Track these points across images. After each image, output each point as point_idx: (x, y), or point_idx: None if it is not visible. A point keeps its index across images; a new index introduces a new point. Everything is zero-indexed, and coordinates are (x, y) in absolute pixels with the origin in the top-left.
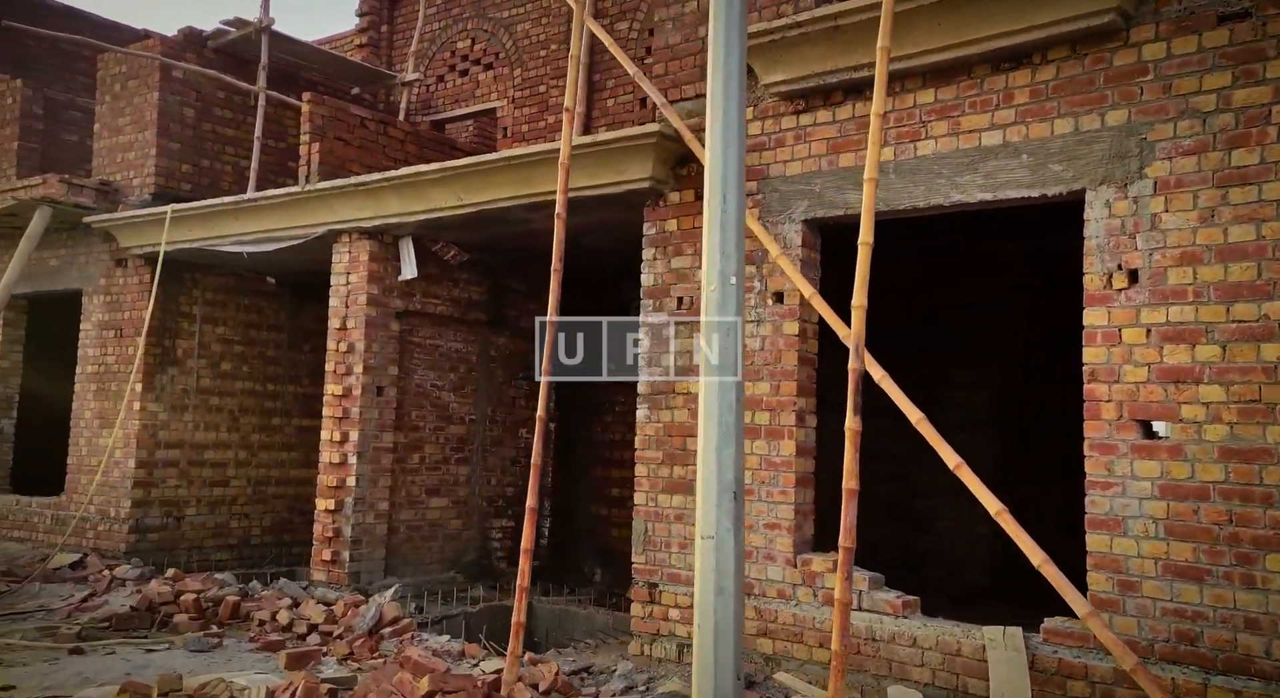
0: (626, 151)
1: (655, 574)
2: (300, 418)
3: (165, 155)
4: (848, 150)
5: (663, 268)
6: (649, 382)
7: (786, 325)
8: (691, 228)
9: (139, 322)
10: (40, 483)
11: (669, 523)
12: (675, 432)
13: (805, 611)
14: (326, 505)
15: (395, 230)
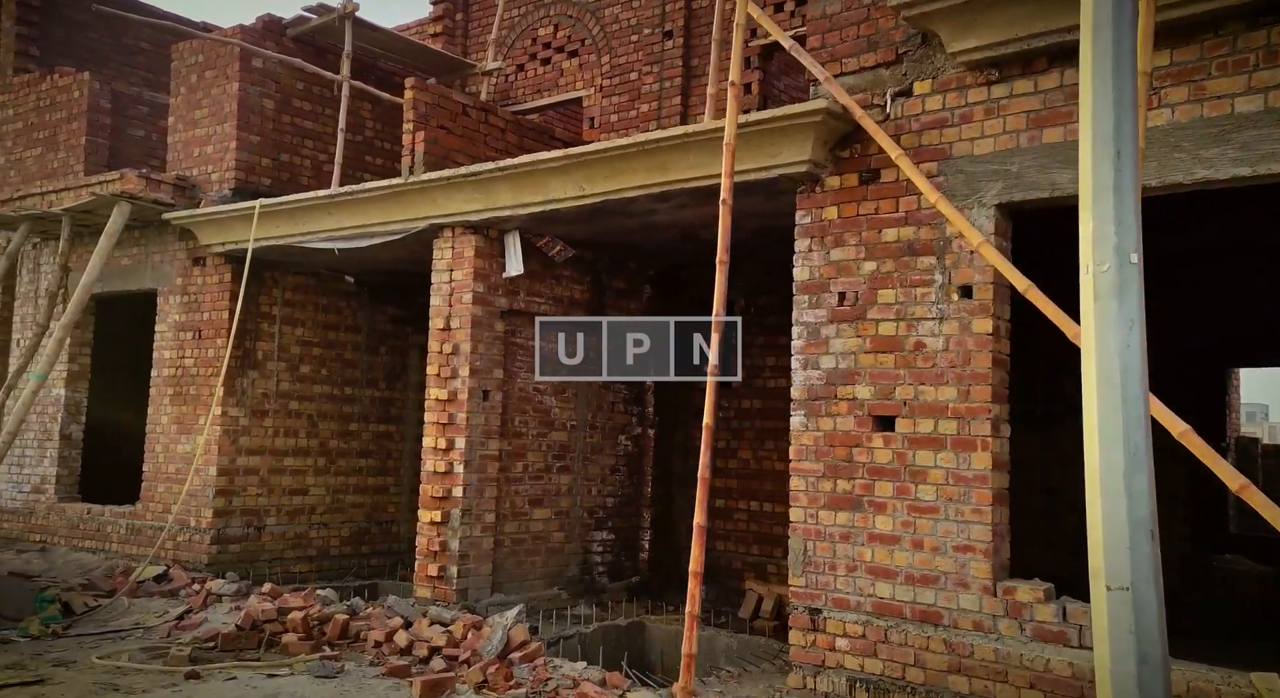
0: (781, 133)
1: (818, 599)
2: (377, 423)
3: (245, 149)
4: (1055, 124)
5: (820, 260)
6: (805, 386)
7: (977, 323)
8: (854, 216)
9: (219, 323)
10: (108, 490)
11: (833, 543)
12: (838, 441)
13: (1010, 646)
14: (431, 518)
15: (502, 224)
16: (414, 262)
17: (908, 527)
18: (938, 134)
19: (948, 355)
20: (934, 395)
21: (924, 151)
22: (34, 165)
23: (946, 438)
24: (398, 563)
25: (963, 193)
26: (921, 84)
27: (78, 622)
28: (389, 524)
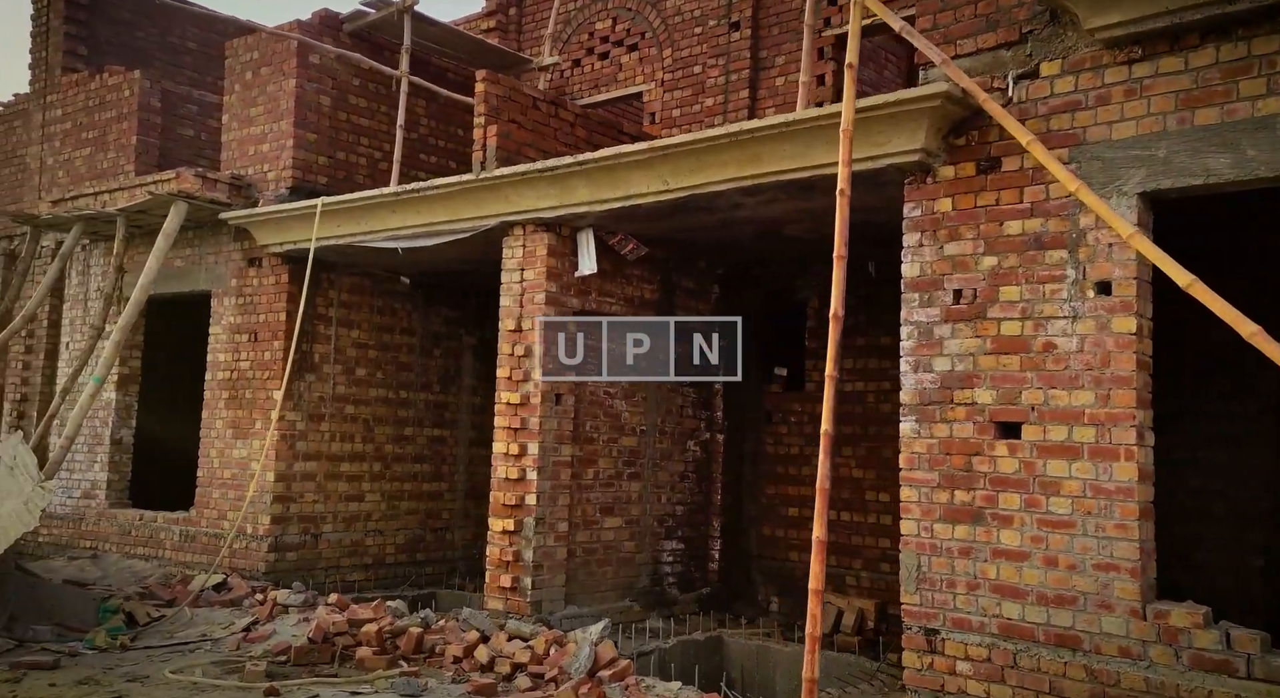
0: (891, 120)
1: (935, 619)
2: (432, 428)
3: (302, 147)
4: (1209, 105)
5: (932, 255)
6: (916, 390)
7: (1118, 321)
8: (971, 208)
9: (276, 325)
10: (154, 495)
11: (950, 558)
12: (955, 449)
13: (1163, 675)
14: (504, 526)
15: (576, 221)
16: (472, 262)
17: (1038, 542)
18: (1069, 118)
19: (1082, 357)
20: (1067, 400)
21: (1053, 138)
22: (83, 166)
23: (1083, 447)
24: (452, 571)
25: (1099, 181)
26: (1049, 65)
27: (143, 633)
28: (443, 532)
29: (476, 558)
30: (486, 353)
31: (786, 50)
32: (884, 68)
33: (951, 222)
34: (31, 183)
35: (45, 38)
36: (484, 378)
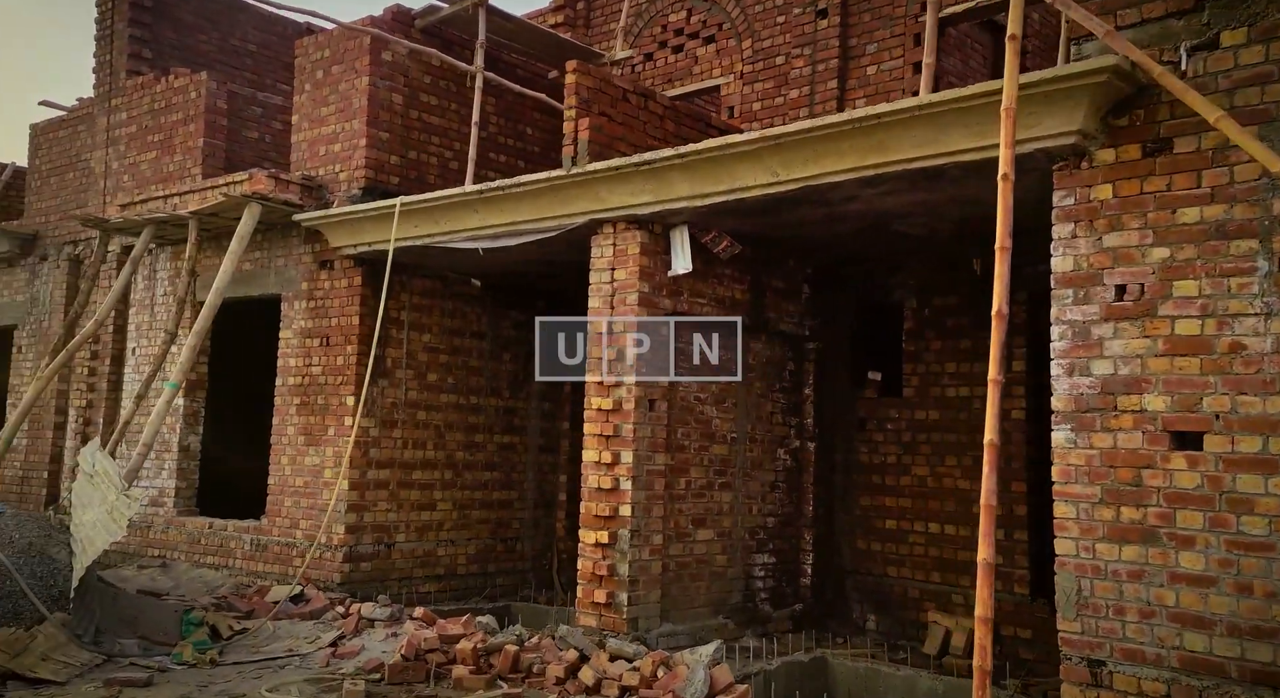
0: (1045, 99)
1: (1099, 649)
2: (502, 434)
3: (375, 146)
4: None
5: (1089, 248)
6: (1072, 396)
7: None
8: (1137, 194)
9: (348, 329)
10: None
11: (1119, 582)
12: (1120, 461)
13: None
14: (597, 538)
15: (670, 218)
16: (547, 263)
17: (1226, 566)
18: (1257, 92)
19: (1278, 359)
20: (1260, 407)
21: (1238, 114)
22: (149, 169)
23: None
24: (522, 583)
25: None
26: (1232, 34)
27: (228, 647)
28: (513, 542)
29: (546, 569)
30: None
31: (879, 38)
32: (969, 57)
33: (1112, 210)
34: (96, 187)
35: (110, 41)
36: (552, 383)
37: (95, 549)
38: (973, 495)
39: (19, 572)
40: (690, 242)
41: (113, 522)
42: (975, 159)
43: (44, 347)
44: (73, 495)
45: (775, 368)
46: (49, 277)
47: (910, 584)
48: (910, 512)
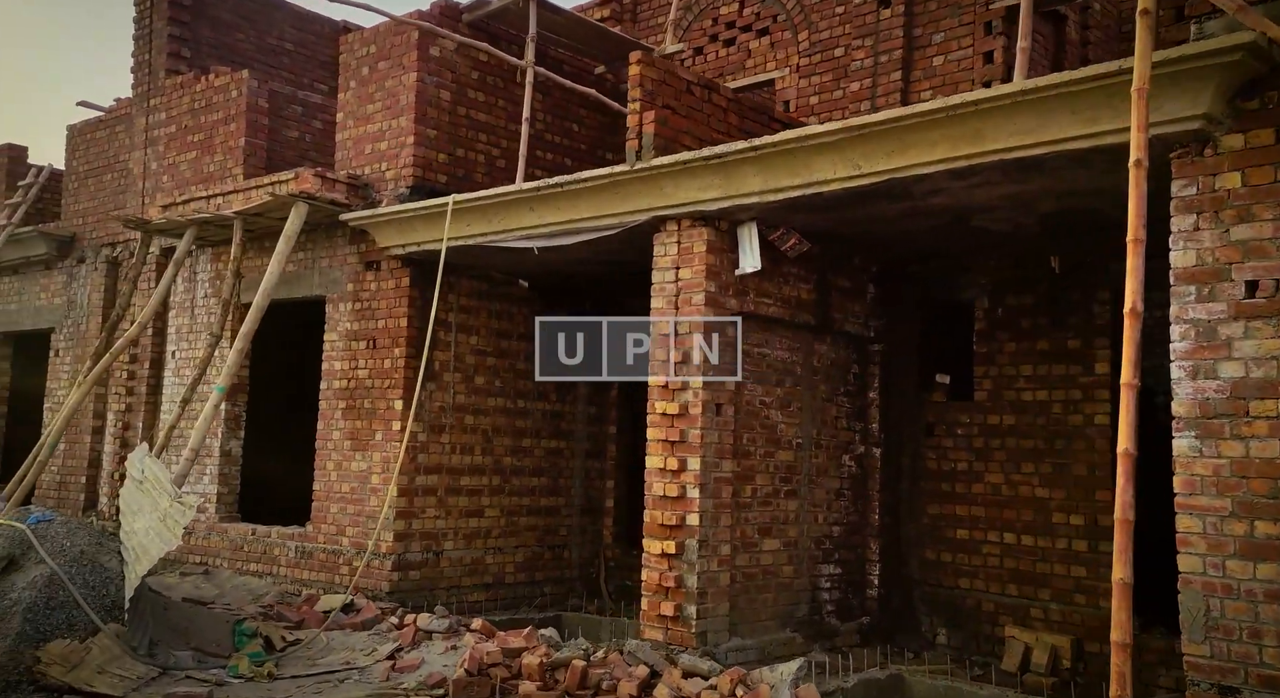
0: (1169, 81)
1: (1234, 675)
2: (549, 439)
3: (422, 144)
4: None
5: (1214, 241)
6: (1196, 400)
7: None
8: (1270, 183)
9: (396, 331)
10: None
11: (1253, 603)
12: (1253, 471)
13: None
14: (663, 548)
15: (737, 214)
16: (600, 262)
17: None
18: None
19: None
20: None
21: None
22: (188, 170)
23: None
24: (569, 591)
25: None
26: None
27: (283, 659)
28: (560, 549)
29: (593, 577)
30: None
31: (946, 27)
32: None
33: (1241, 200)
34: (135, 188)
35: (148, 40)
36: (598, 387)
37: (150, 558)
38: (1051, 505)
39: (71, 581)
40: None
41: (166, 529)
42: (1081, 148)
43: (82, 350)
44: (121, 502)
45: (840, 371)
46: (87, 279)
47: (984, 597)
48: (983, 521)
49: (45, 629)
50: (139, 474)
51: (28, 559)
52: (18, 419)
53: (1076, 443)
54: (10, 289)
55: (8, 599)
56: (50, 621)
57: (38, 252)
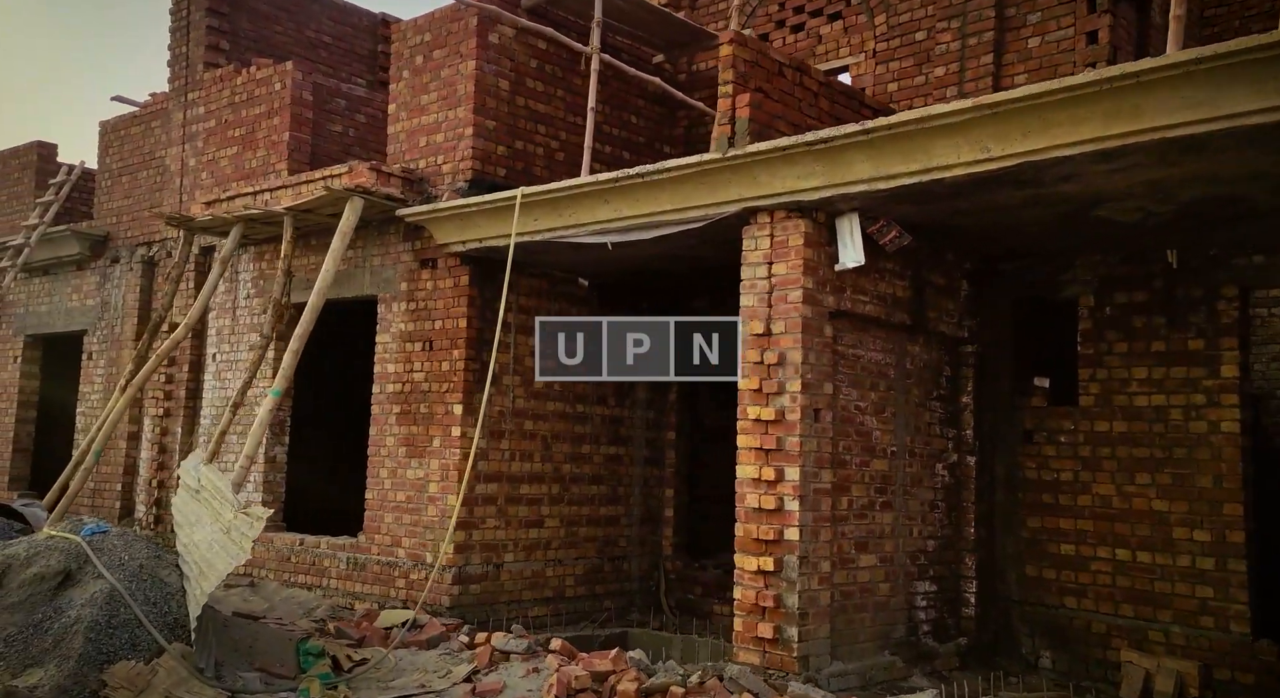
0: None
1: None
2: (608, 445)
3: (482, 136)
4: None
5: None
6: None
7: None
8: None
9: (454, 332)
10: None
11: None
12: None
13: None
14: (760, 565)
15: (837, 205)
16: (669, 259)
17: None
18: None
19: None
20: None
21: None
22: (229, 166)
23: None
24: (629, 605)
25: None
26: None
27: (354, 681)
28: (620, 561)
29: (653, 591)
30: None
31: (1043, 5)
32: (1114, 31)
33: None
34: (172, 185)
35: (186, 32)
36: (657, 390)
37: (216, 573)
38: (1171, 518)
39: (133, 597)
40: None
41: (232, 542)
42: (1261, 123)
43: (116, 353)
44: (176, 513)
45: (932, 373)
46: (121, 280)
47: (1094, 618)
48: (1092, 536)
49: (108, 650)
50: (194, 483)
51: (84, 574)
52: (48, 424)
53: (1200, 452)
54: (40, 290)
55: (66, 617)
56: (113, 640)
57: (70, 252)
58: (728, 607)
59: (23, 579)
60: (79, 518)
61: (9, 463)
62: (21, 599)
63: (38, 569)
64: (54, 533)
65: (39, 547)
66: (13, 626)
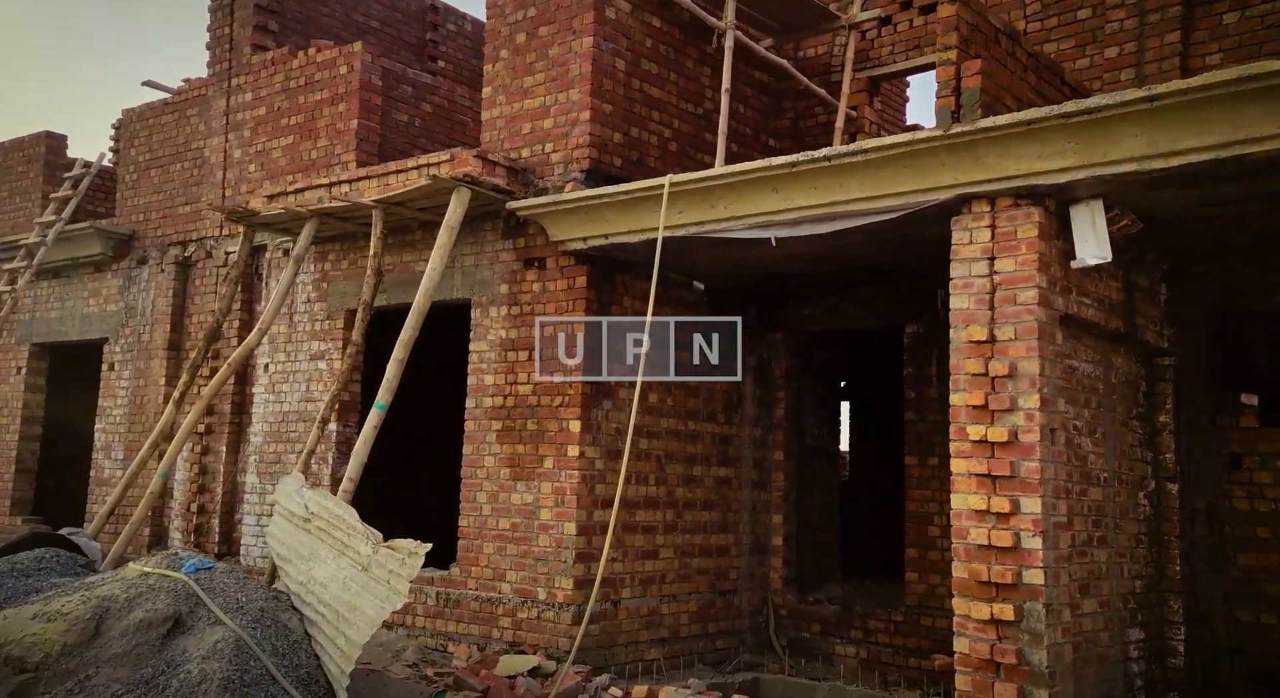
0: None
1: None
2: (718, 466)
3: (599, 121)
4: None
5: None
6: None
7: None
8: None
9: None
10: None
11: None
12: None
13: None
14: (994, 612)
15: (1078, 190)
16: (808, 259)
17: None
18: None
19: None
20: None
21: None
22: (283, 157)
23: None
24: (740, 644)
25: None
26: None
27: None
28: (730, 596)
29: (762, 627)
30: (765, 376)
31: None
32: None
33: None
34: (212, 179)
35: (229, 13)
36: (763, 405)
37: (367, 620)
38: None
39: (260, 648)
40: None
41: (376, 582)
42: None
43: (144, 363)
44: (277, 545)
45: (1131, 389)
46: (150, 282)
47: None
48: None
49: None
50: (301, 510)
51: (196, 619)
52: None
53: None
54: (50, 295)
55: (184, 672)
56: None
57: (90, 252)
58: (851, 648)
59: (125, 627)
60: (176, 553)
61: (10, 485)
62: (125, 650)
63: (143, 615)
64: (148, 569)
65: (137, 587)
66: (117, 683)
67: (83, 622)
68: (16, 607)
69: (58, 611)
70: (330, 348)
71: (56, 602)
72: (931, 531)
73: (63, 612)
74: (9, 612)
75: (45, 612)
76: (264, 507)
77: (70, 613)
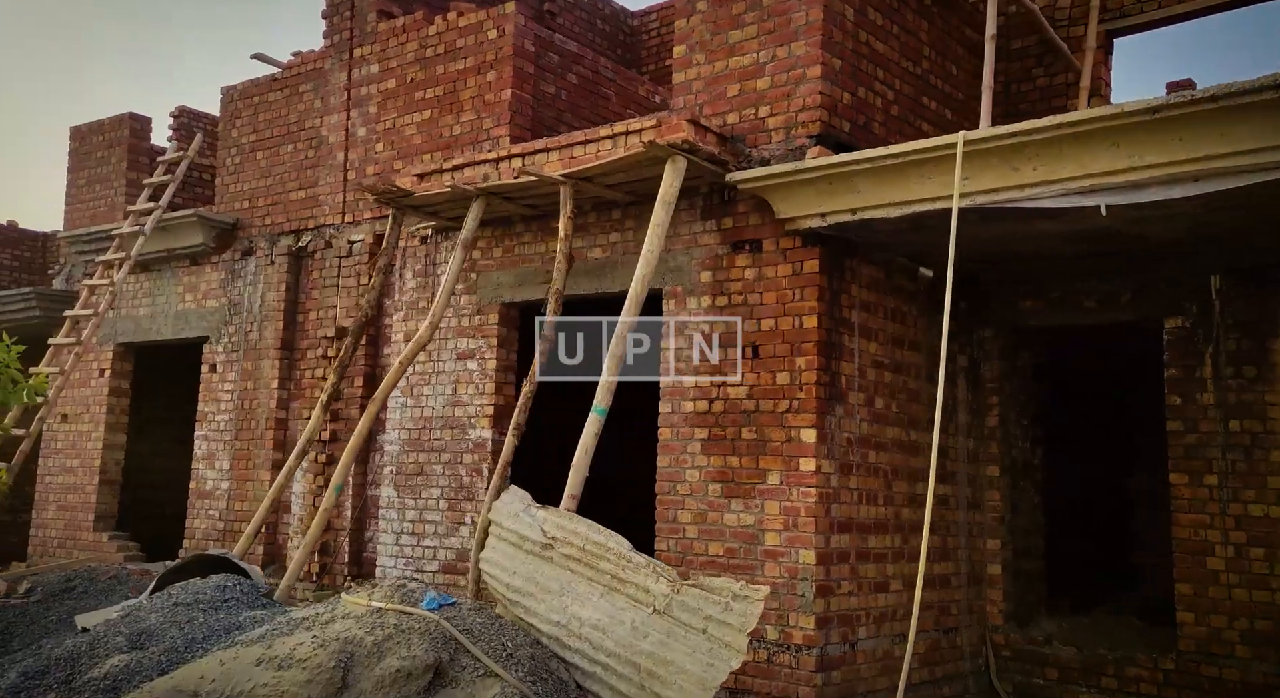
0: None
1: None
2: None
3: (829, 78)
4: None
5: None
6: None
7: None
8: None
9: (798, 334)
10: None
11: None
12: None
13: None
14: None
15: None
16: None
17: None
18: None
19: None
20: None
21: None
22: (417, 134)
23: None
24: (964, 691)
25: None
26: None
27: None
28: (951, 633)
29: (983, 671)
30: (975, 376)
31: None
32: None
33: None
34: (331, 161)
35: None
36: (975, 413)
37: (695, 682)
38: None
39: None
40: None
41: (688, 631)
42: None
43: (252, 364)
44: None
45: None
46: (257, 275)
47: None
48: None
49: None
50: (538, 534)
51: (460, 668)
52: (130, 450)
53: None
54: (137, 290)
55: None
56: None
57: (189, 243)
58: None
59: (379, 678)
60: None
61: (94, 498)
62: None
63: (399, 663)
64: (379, 604)
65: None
66: None
67: (327, 671)
68: (228, 649)
69: (289, 656)
70: (481, 346)
71: (280, 644)
72: (1212, 562)
73: (297, 658)
74: (224, 656)
75: (273, 657)
76: (404, 523)
77: (307, 660)
